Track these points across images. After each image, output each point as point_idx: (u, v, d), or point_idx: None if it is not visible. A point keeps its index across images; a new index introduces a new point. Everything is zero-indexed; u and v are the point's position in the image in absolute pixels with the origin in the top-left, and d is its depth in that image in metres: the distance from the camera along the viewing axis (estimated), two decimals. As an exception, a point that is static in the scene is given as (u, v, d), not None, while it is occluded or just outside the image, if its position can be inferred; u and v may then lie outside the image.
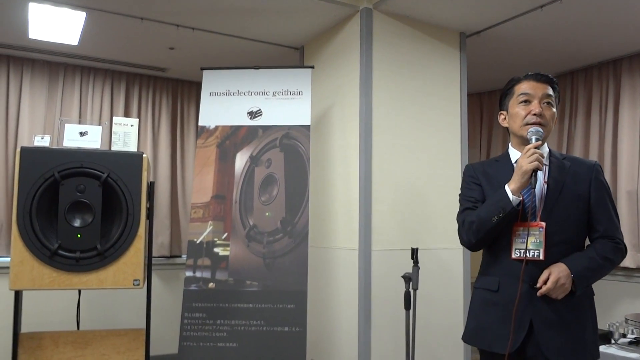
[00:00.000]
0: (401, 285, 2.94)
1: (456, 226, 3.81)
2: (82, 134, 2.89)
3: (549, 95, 1.96)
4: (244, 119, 3.44)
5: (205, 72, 3.55)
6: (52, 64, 4.48)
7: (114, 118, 3.01)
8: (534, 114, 1.93)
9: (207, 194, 3.37)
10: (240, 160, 3.38)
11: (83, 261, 2.67)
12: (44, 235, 2.65)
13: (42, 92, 4.43)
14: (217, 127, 3.46)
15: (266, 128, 3.41)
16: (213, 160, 3.40)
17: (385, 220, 3.36)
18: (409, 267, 2.96)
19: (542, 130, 1.92)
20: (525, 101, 1.97)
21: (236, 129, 3.44)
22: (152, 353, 3.00)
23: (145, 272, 2.82)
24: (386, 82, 3.47)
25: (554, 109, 1.97)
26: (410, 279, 2.88)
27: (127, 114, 4.70)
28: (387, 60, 3.49)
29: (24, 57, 4.35)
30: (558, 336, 1.84)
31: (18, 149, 2.78)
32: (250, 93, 3.48)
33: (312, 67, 3.55)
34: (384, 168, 3.39)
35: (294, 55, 4.16)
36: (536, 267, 1.87)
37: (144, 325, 2.97)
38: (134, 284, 2.75)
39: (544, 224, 1.88)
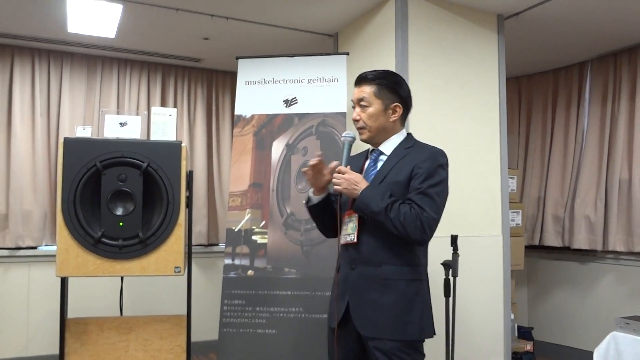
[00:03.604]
0: (439, 273, 2.91)
1: (493, 213, 3.76)
2: (122, 124, 2.94)
3: (362, 98, 2.09)
4: (279, 107, 3.44)
5: (240, 61, 3.56)
6: (90, 57, 4.56)
7: (153, 108, 3.05)
8: (354, 122, 2.12)
9: (245, 182, 3.39)
10: (277, 149, 3.39)
11: (126, 249, 2.72)
12: (87, 224, 2.71)
13: (81, 84, 4.53)
14: (253, 115, 3.47)
15: (302, 116, 3.41)
16: (250, 149, 3.41)
17: (422, 207, 3.32)
18: (446, 255, 2.93)
19: (349, 135, 2.09)
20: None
21: (272, 117, 3.44)
22: (192, 339, 3.05)
23: (185, 259, 2.86)
24: (422, 67, 3.42)
25: (370, 108, 2.07)
26: (450, 267, 2.85)
27: (163, 105, 4.76)
28: (423, 45, 3.43)
29: (64, 51, 4.45)
30: (365, 312, 2.00)
31: (60, 140, 2.84)
32: (285, 81, 3.47)
33: (347, 53, 3.53)
34: (421, 154, 3.34)
35: (328, 42, 4.13)
36: (355, 250, 2.04)
37: (184, 312, 3.02)
38: (175, 271, 2.79)
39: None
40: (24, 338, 4.20)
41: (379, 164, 2.10)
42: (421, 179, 1.98)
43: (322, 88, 3.42)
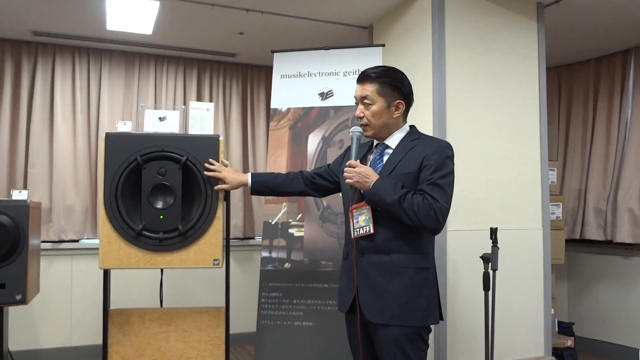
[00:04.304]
0: (478, 266, 2.87)
1: (533, 206, 3.68)
2: (161, 119, 2.97)
3: (365, 96, 2.16)
4: (315, 100, 3.44)
5: (275, 54, 3.56)
6: (128, 54, 4.65)
7: (191, 103, 3.07)
8: (357, 118, 2.20)
9: (281, 176, 3.39)
10: (313, 142, 3.39)
11: (166, 241, 2.76)
12: (129, 217, 2.75)
13: (119, 81, 4.62)
14: (289, 109, 3.48)
15: (338, 109, 3.40)
16: (286, 142, 3.42)
17: (460, 200, 3.28)
18: (484, 248, 2.89)
19: (358, 131, 2.18)
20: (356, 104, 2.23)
21: (308, 110, 3.44)
22: (230, 331, 3.08)
23: (223, 252, 2.89)
24: (460, 58, 3.36)
25: (374, 106, 2.14)
26: (490, 260, 2.81)
27: (199, 99, 4.83)
28: (461, 35, 3.37)
29: (103, 49, 4.55)
30: (373, 299, 2.07)
31: (101, 136, 2.90)
32: (320, 74, 3.46)
33: (383, 45, 3.49)
34: (458, 147, 3.25)
35: (363, 34, 4.11)
36: (367, 239, 2.11)
37: (221, 304, 3.05)
38: (213, 264, 2.81)
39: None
40: (68, 328, 4.33)
41: (385, 157, 2.18)
42: (431, 170, 2.05)
43: (357, 80, 3.40)
